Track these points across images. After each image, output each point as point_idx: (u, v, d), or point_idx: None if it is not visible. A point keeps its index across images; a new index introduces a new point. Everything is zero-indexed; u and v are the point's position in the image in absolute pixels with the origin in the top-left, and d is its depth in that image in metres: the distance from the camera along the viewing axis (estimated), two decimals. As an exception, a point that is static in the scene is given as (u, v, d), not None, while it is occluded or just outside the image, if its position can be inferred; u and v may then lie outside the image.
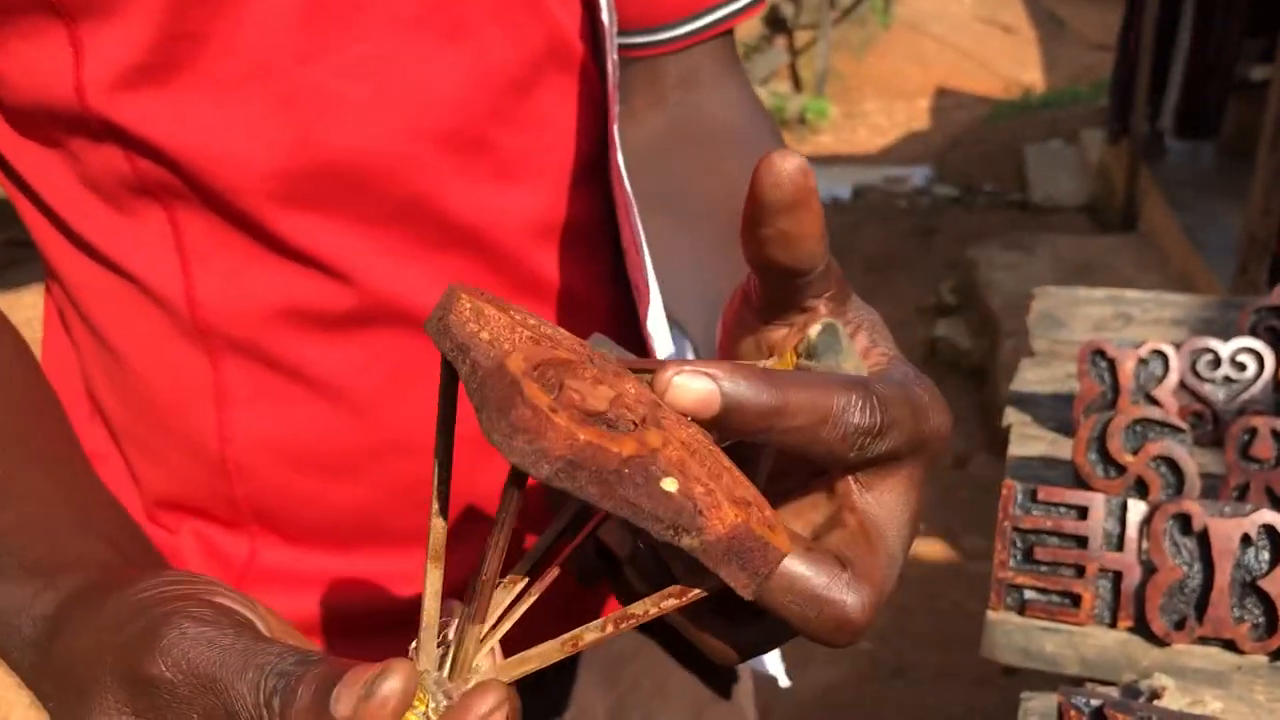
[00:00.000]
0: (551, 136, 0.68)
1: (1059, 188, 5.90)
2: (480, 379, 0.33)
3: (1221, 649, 0.77)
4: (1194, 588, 0.78)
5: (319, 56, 0.59)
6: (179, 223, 0.61)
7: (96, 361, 0.68)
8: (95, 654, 0.44)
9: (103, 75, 0.57)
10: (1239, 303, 1.28)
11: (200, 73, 0.58)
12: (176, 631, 0.41)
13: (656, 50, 0.74)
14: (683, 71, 0.75)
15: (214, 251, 0.62)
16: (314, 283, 0.63)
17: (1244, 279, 3.46)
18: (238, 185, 0.60)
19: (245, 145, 0.59)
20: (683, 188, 0.71)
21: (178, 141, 0.59)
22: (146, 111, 0.58)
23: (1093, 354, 1.01)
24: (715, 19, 0.74)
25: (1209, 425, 1.00)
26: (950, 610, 2.74)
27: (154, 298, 0.64)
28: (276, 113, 0.60)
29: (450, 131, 0.63)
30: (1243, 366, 1.00)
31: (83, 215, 0.63)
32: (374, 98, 0.60)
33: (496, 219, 0.66)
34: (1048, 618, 0.81)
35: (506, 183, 0.66)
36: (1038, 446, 1.03)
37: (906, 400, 0.40)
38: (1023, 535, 0.82)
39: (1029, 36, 9.59)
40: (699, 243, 0.67)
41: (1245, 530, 0.77)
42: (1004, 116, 7.66)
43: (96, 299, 0.66)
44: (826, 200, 6.07)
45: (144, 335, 0.65)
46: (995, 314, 3.92)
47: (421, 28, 0.61)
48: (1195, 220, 4.29)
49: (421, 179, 0.63)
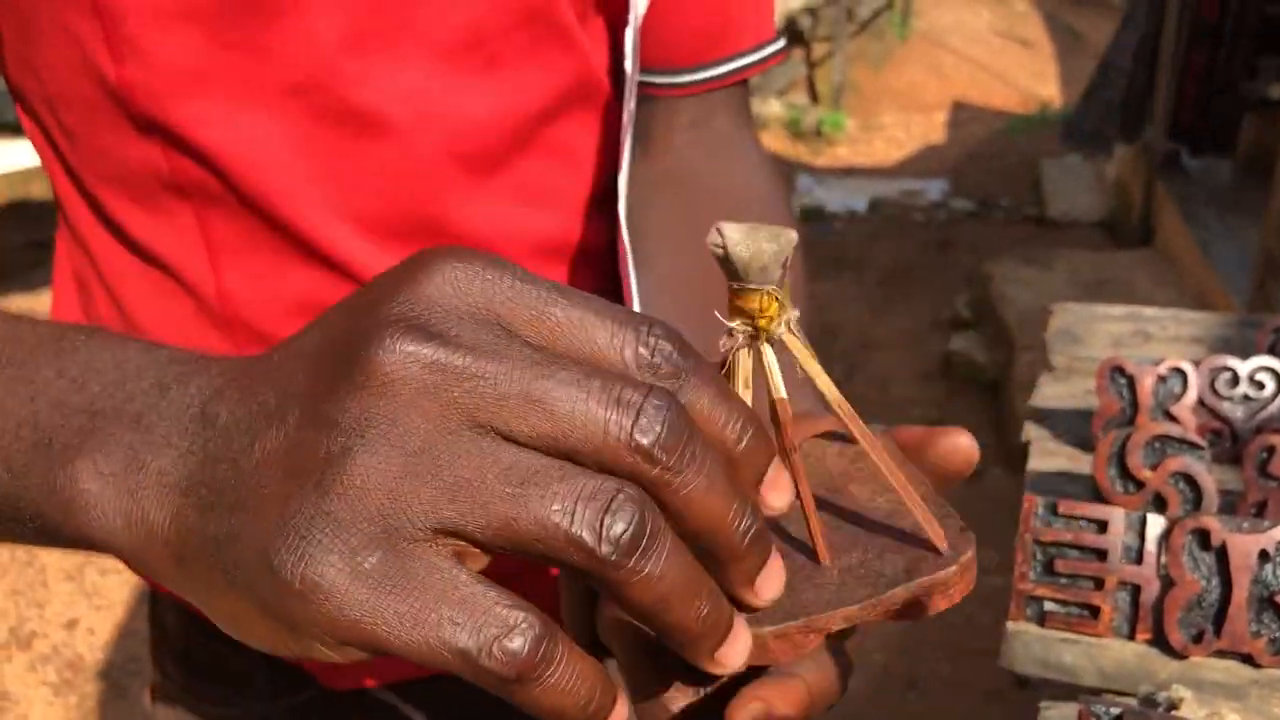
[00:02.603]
0: (569, 166, 0.72)
1: (1075, 203, 5.90)
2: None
3: (1239, 663, 0.79)
4: (1212, 602, 0.79)
5: (363, 79, 0.62)
6: (206, 220, 0.65)
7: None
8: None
9: (150, 78, 0.60)
10: (1257, 321, 1.29)
11: (247, 82, 0.61)
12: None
13: (673, 92, 0.76)
14: (695, 116, 0.77)
15: (242, 249, 0.65)
16: (336, 285, 0.66)
17: (1261, 296, 3.46)
18: (272, 191, 0.63)
19: (286, 155, 0.62)
20: (683, 242, 0.73)
21: (219, 146, 0.61)
22: (192, 115, 0.61)
23: (1112, 370, 1.02)
24: (730, 69, 0.76)
25: (1227, 443, 1.01)
26: (963, 623, 2.74)
27: (184, 285, 0.67)
28: (319, 127, 0.62)
29: (476, 155, 0.67)
30: (1261, 385, 1.01)
31: (115, 199, 0.66)
32: (414, 121, 0.64)
33: (510, 238, 0.70)
34: (1067, 629, 0.82)
35: (522, 205, 0.70)
36: (1057, 461, 1.04)
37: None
38: (1043, 548, 0.83)
39: (1047, 51, 9.59)
40: (690, 300, 0.69)
41: (1263, 546, 0.78)
42: (1021, 131, 7.66)
43: (125, 280, 0.69)
44: (842, 212, 6.08)
45: (172, 319, 0.68)
46: (1011, 328, 3.92)
47: (460, 60, 0.64)
48: (1212, 237, 4.29)
49: (444, 197, 0.66)
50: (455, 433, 0.31)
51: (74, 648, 2.63)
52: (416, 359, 0.31)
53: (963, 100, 8.61)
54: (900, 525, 0.40)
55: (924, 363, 4.14)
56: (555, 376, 0.31)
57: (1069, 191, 6.06)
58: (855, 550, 0.39)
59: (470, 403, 0.31)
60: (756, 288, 0.37)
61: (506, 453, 0.31)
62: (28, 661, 2.59)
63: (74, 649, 2.63)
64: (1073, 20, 10.07)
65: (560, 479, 0.30)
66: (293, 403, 0.32)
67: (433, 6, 0.62)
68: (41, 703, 2.48)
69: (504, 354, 0.31)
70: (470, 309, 0.32)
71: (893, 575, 0.38)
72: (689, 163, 0.77)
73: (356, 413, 0.31)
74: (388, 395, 0.31)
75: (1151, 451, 0.91)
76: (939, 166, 7.11)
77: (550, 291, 0.33)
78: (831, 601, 0.37)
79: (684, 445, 0.31)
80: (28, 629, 2.68)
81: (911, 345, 4.26)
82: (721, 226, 0.37)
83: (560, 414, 0.31)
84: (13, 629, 2.67)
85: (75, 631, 2.67)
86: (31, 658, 2.60)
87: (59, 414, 0.37)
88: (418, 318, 0.31)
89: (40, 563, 2.88)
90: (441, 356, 0.31)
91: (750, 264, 0.37)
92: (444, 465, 0.30)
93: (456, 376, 0.31)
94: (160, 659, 0.85)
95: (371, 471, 0.30)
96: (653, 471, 0.31)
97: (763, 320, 0.38)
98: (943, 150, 7.57)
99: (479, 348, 0.31)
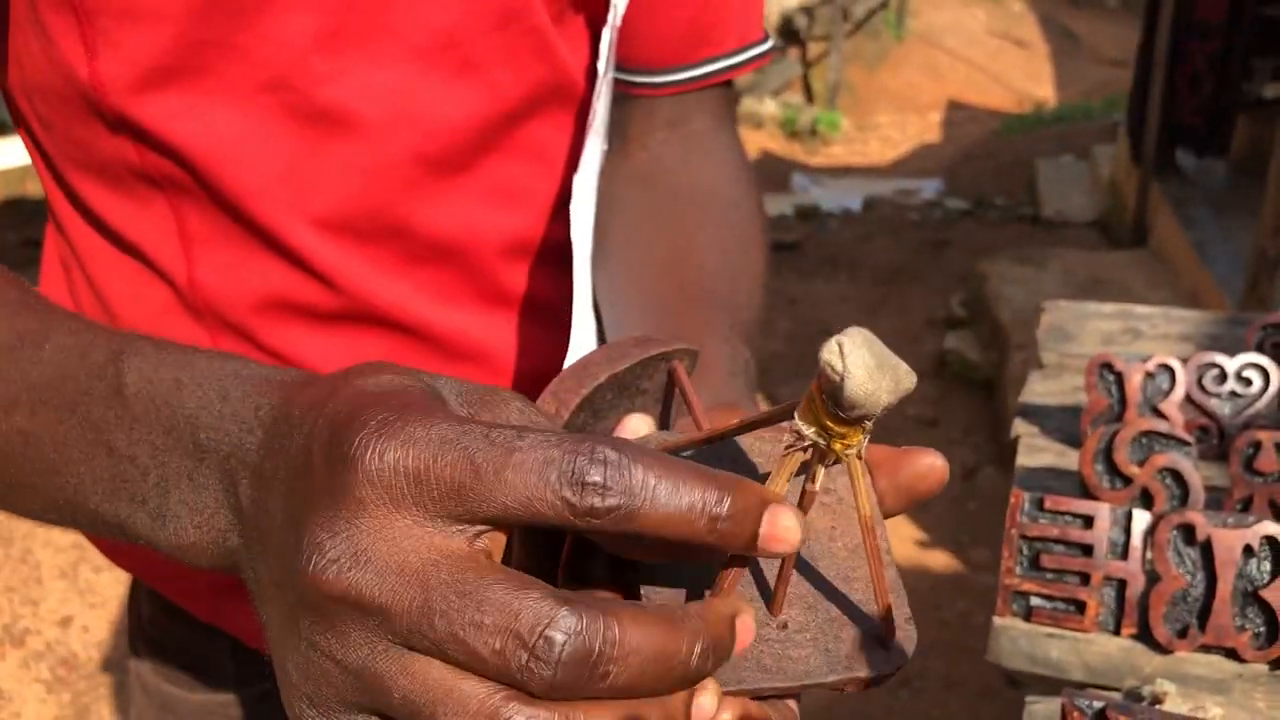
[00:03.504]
0: (541, 165, 0.72)
1: (1070, 203, 5.91)
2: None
3: (1223, 657, 0.79)
4: (1197, 597, 0.79)
5: (336, 78, 0.62)
6: (181, 212, 0.65)
7: (98, 319, 0.72)
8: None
9: (121, 73, 0.60)
10: (1246, 319, 1.29)
11: (219, 79, 0.61)
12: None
13: (652, 91, 0.76)
14: (674, 115, 0.77)
15: (214, 241, 0.66)
16: (303, 282, 0.67)
17: (1254, 296, 3.46)
18: (243, 187, 0.63)
19: (255, 152, 0.63)
20: (648, 237, 0.73)
21: (190, 142, 0.62)
22: (162, 111, 0.61)
23: (1101, 367, 1.03)
24: (711, 70, 0.76)
25: (1214, 439, 1.02)
26: (956, 621, 2.75)
27: (158, 273, 0.68)
28: (289, 125, 0.63)
29: (445, 156, 0.67)
30: (1249, 382, 1.02)
31: (91, 188, 0.66)
32: (385, 121, 0.64)
33: (477, 237, 0.70)
34: (1053, 624, 0.82)
35: (491, 205, 0.70)
36: (1045, 458, 1.04)
37: None
38: (1029, 543, 0.83)
39: (1042, 51, 9.61)
40: (647, 297, 0.69)
41: (1248, 541, 0.78)
42: (1016, 131, 7.67)
43: (101, 265, 0.70)
44: (837, 211, 6.09)
45: (146, 305, 0.69)
46: (1005, 327, 3.93)
47: (434, 61, 0.64)
48: (1205, 237, 4.30)
49: (412, 197, 0.67)
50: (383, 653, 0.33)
51: (67, 645, 2.63)
52: (345, 600, 0.33)
53: (958, 100, 8.62)
54: (854, 592, 0.41)
55: (919, 361, 4.15)
56: (456, 623, 0.32)
57: (1063, 191, 6.07)
58: (805, 609, 0.40)
59: (389, 633, 0.33)
60: (853, 422, 0.35)
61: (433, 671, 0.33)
62: (21, 659, 2.59)
63: (67, 646, 2.63)
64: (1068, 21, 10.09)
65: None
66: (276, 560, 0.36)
67: (408, 8, 0.62)
68: (35, 700, 2.48)
69: (425, 588, 0.32)
70: (396, 522, 0.33)
71: (834, 659, 0.39)
72: (662, 161, 0.76)
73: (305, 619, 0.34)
74: (319, 617, 0.33)
75: (1139, 447, 0.91)
76: (934, 166, 7.12)
77: (469, 450, 0.33)
78: (770, 670, 0.38)
79: (588, 673, 0.32)
80: (21, 626, 2.68)
81: (906, 344, 4.27)
82: (844, 346, 0.34)
83: (469, 654, 0.32)
84: (6, 626, 2.67)
85: (69, 629, 2.67)
86: (25, 655, 2.60)
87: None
88: (343, 564, 0.33)
89: (34, 560, 2.88)
90: (365, 596, 0.33)
91: (863, 404, 0.34)
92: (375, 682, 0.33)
93: (377, 613, 0.33)
94: (135, 644, 0.87)
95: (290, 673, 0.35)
96: (556, 693, 0.32)
97: (838, 445, 0.36)
98: (938, 150, 7.58)
99: (402, 575, 0.33)
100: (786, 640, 0.39)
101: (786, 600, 0.39)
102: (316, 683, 0.34)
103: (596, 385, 0.46)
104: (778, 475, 0.37)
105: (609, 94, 0.70)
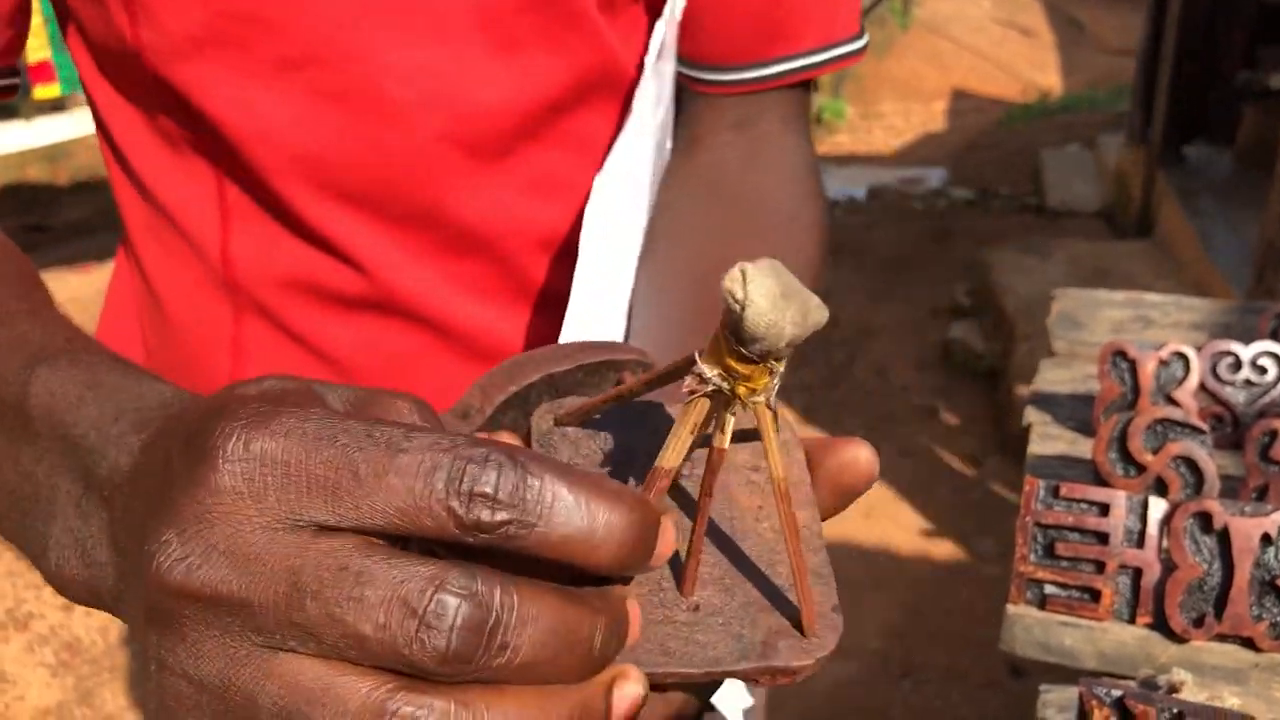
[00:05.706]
0: (584, 157, 0.69)
1: (1075, 192, 5.89)
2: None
3: (1240, 646, 0.79)
4: (1213, 585, 0.79)
5: (368, 56, 0.61)
6: (224, 183, 0.65)
7: (143, 303, 0.73)
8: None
9: (160, 43, 0.60)
10: (1258, 308, 1.28)
11: (248, 53, 0.61)
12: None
13: (719, 89, 0.71)
14: (741, 117, 0.72)
15: (249, 216, 0.66)
16: (331, 265, 0.66)
17: (1261, 287, 3.46)
18: (271, 164, 0.63)
19: (284, 128, 0.62)
20: (696, 247, 0.69)
21: (224, 113, 0.62)
22: (199, 80, 0.62)
23: (1114, 355, 1.02)
24: (784, 70, 0.70)
25: (1229, 427, 1.01)
26: (960, 612, 2.74)
27: (193, 245, 0.68)
28: (319, 103, 0.62)
29: (481, 141, 0.65)
30: (1263, 370, 1.01)
31: (141, 154, 0.67)
32: (416, 102, 0.63)
33: (512, 229, 0.68)
34: (1067, 612, 0.82)
35: (529, 195, 0.68)
36: (1057, 446, 1.04)
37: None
38: (1044, 530, 0.83)
39: (1047, 40, 9.57)
40: (676, 310, 0.65)
41: (1265, 530, 0.78)
42: (1021, 120, 7.65)
43: (144, 235, 0.70)
44: (842, 200, 6.08)
45: (180, 280, 0.69)
46: (1010, 317, 3.92)
47: (472, 41, 0.63)
48: (1211, 227, 4.29)
49: (447, 184, 0.65)
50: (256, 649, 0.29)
51: (71, 629, 2.63)
52: (197, 599, 0.29)
53: (963, 89, 8.60)
54: (778, 576, 0.37)
55: (923, 351, 4.14)
56: (331, 600, 0.28)
57: (1068, 181, 6.05)
58: (721, 591, 0.36)
59: (256, 626, 0.29)
60: (757, 360, 0.32)
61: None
62: (25, 642, 2.59)
63: (71, 630, 2.63)
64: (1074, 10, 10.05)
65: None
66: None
67: None
68: (39, 684, 2.48)
69: (292, 571, 0.28)
70: (256, 515, 0.29)
71: (746, 646, 0.35)
72: (724, 165, 0.71)
73: (154, 635, 0.30)
74: (166, 628, 0.29)
75: (1153, 435, 0.90)
76: (939, 155, 7.10)
77: (347, 448, 0.29)
78: (672, 654, 0.34)
79: (485, 644, 0.28)
80: (25, 610, 2.68)
81: (910, 333, 4.26)
82: (748, 273, 0.31)
83: (348, 636, 0.28)
84: (10, 610, 2.67)
85: (73, 613, 2.67)
86: (29, 638, 2.60)
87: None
88: (192, 561, 0.29)
89: (37, 545, 2.88)
90: (220, 592, 0.29)
91: (764, 336, 0.31)
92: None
93: (239, 608, 0.29)
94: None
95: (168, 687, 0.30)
96: (450, 676, 0.28)
97: (743, 389, 0.33)
98: (943, 138, 7.56)
99: (263, 564, 0.29)
100: (696, 624, 0.35)
101: (701, 582, 0.36)
102: (170, 713, 0.29)
103: (529, 384, 0.43)
104: (680, 427, 0.34)
105: (657, 88, 0.67)
